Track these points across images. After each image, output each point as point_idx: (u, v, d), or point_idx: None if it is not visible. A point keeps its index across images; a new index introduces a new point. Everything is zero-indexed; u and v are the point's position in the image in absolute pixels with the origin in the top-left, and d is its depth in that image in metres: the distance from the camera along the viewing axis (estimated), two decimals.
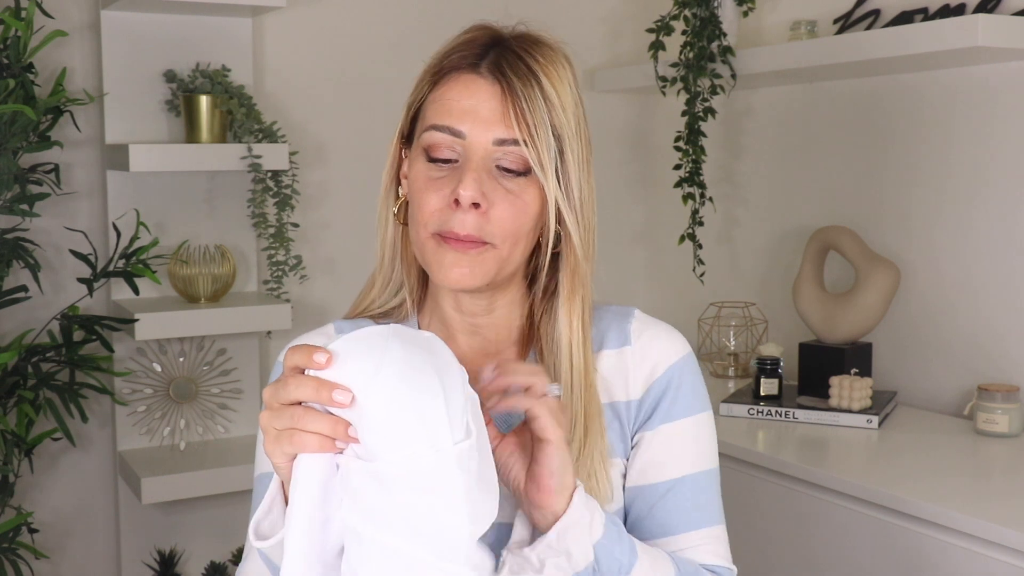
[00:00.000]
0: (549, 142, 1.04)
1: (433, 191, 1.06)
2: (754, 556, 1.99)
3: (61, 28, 2.20)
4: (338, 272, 2.60)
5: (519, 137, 1.03)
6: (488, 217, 1.05)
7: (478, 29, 1.11)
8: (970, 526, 1.60)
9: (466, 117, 1.05)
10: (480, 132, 1.04)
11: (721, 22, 2.44)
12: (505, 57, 1.06)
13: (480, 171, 1.04)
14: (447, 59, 1.09)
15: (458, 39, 1.11)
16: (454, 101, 1.06)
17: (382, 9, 2.61)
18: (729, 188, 2.75)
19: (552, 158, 1.04)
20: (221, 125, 2.28)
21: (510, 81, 1.04)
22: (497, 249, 1.06)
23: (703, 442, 1.15)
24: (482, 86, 1.05)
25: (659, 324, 1.20)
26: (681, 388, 1.15)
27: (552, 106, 1.05)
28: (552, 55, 1.08)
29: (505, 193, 1.05)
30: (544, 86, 1.05)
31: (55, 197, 2.26)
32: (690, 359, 1.17)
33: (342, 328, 1.20)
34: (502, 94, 1.04)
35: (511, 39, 1.09)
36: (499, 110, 1.04)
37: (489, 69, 1.06)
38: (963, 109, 2.18)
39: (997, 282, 2.15)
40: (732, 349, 2.62)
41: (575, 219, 1.08)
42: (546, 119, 1.04)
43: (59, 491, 2.39)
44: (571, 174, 1.07)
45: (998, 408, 2.00)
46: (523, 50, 1.07)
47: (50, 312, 2.28)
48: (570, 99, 1.07)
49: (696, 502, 1.13)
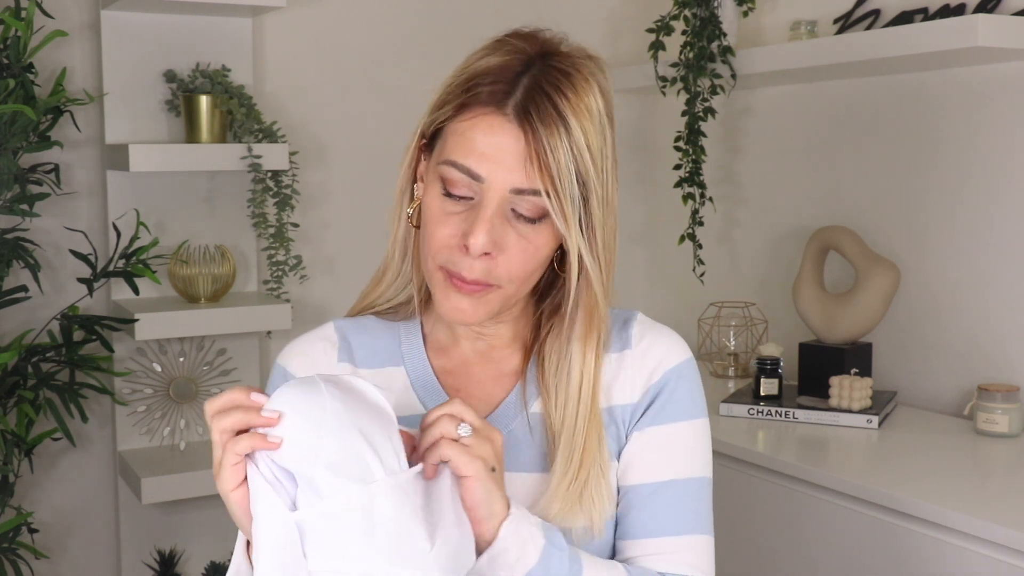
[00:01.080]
0: (573, 192, 1.01)
1: (445, 226, 1.04)
2: (754, 556, 2.00)
3: (61, 28, 2.20)
4: (338, 272, 2.60)
5: (541, 188, 1.00)
6: (497, 262, 1.03)
7: (513, 48, 1.05)
8: (970, 526, 1.60)
9: (485, 161, 1.01)
10: (499, 179, 1.01)
11: (721, 22, 2.44)
12: (534, 97, 1.01)
13: (495, 218, 1.02)
14: (478, 85, 1.03)
15: (492, 56, 1.05)
16: (476, 141, 1.01)
17: (382, 9, 2.61)
18: (729, 188, 2.75)
19: (576, 208, 1.01)
20: (221, 125, 2.28)
21: (535, 129, 1.00)
22: (503, 289, 1.05)
23: (695, 449, 1.14)
24: (507, 130, 1.01)
25: (661, 328, 1.19)
26: (676, 392, 1.14)
27: (579, 153, 1.01)
28: (585, 87, 1.03)
29: (517, 238, 1.03)
30: (573, 131, 1.01)
31: (55, 197, 2.26)
32: (689, 365, 1.16)
33: (342, 327, 1.19)
34: (526, 141, 1.00)
35: (543, 70, 1.03)
36: (522, 158, 1.00)
37: (516, 111, 1.01)
38: (963, 109, 2.18)
39: (997, 282, 2.15)
40: (732, 349, 2.62)
41: (598, 266, 1.06)
42: (571, 168, 1.00)
43: (59, 491, 2.39)
44: (595, 218, 1.04)
45: (998, 408, 2.00)
46: (554, 87, 1.02)
47: (50, 312, 2.29)
48: (600, 138, 1.04)
49: (681, 508, 1.12)
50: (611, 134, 1.07)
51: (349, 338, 1.18)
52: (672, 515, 1.12)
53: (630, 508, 1.13)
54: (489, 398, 1.15)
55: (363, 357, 1.17)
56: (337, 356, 1.17)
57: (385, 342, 1.18)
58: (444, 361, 1.17)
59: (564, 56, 1.06)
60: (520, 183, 1.01)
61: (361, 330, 1.19)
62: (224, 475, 0.92)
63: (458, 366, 1.16)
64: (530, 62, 1.04)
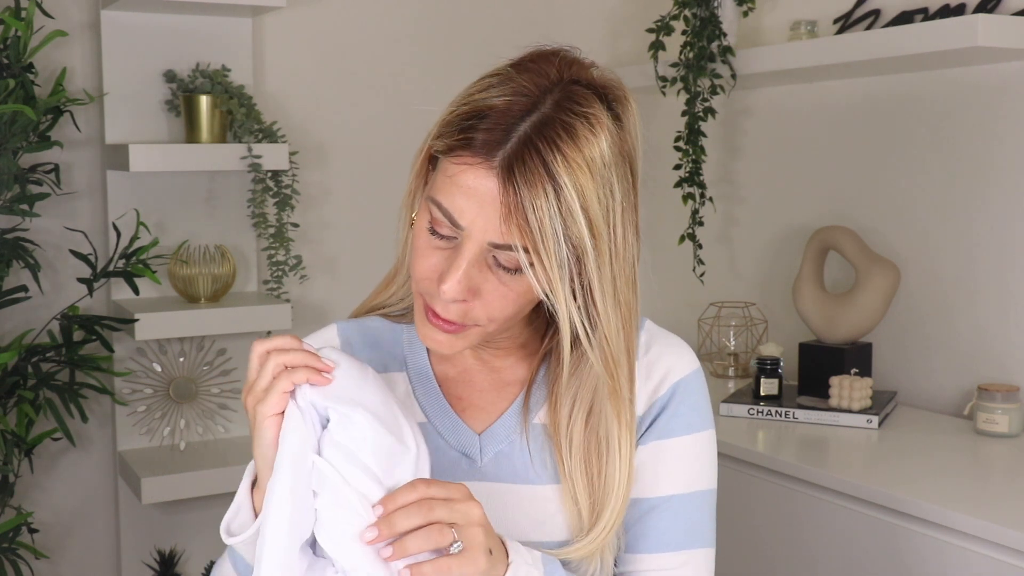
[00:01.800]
0: (560, 254, 0.95)
1: (426, 259, 1.02)
2: (754, 556, 2.00)
3: (61, 28, 2.20)
4: (338, 272, 2.60)
5: (518, 246, 0.96)
6: (472, 306, 1.01)
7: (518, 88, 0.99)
8: (970, 526, 1.60)
9: (467, 213, 0.97)
10: (478, 231, 0.97)
11: (721, 22, 2.44)
12: (523, 153, 0.95)
13: (470, 267, 0.98)
14: (474, 128, 0.98)
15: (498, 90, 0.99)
16: (461, 189, 0.97)
17: (382, 9, 2.61)
18: (729, 188, 2.75)
19: (564, 270, 0.96)
20: (221, 125, 2.28)
21: (518, 188, 0.95)
22: (481, 327, 1.03)
23: (700, 462, 1.13)
24: (491, 185, 0.96)
25: (668, 337, 1.17)
26: (682, 405, 1.13)
27: (569, 214, 0.95)
28: (588, 139, 0.97)
29: (497, 284, 1.00)
30: (563, 191, 0.95)
31: (55, 197, 2.26)
32: (696, 376, 1.15)
33: (345, 331, 1.19)
34: (506, 198, 0.95)
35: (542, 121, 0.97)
36: (504, 215, 0.96)
37: (503, 164, 0.95)
38: (963, 109, 2.18)
39: (997, 282, 2.15)
40: (732, 349, 2.62)
41: (601, 329, 1.01)
42: (558, 230, 0.95)
43: (59, 491, 2.39)
44: (594, 284, 0.99)
45: (998, 408, 2.00)
46: (548, 142, 0.95)
47: (50, 312, 2.29)
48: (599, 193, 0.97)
49: (685, 523, 1.11)
50: (624, 181, 1.01)
51: (352, 342, 1.18)
52: (673, 531, 1.11)
53: (632, 521, 1.12)
54: (492, 407, 1.14)
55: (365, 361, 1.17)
56: None
57: (389, 346, 1.17)
58: (447, 368, 1.16)
59: (575, 100, 0.99)
60: (498, 239, 0.97)
61: (365, 334, 1.18)
62: (270, 400, 0.94)
63: (461, 374, 1.15)
64: (533, 106, 0.98)
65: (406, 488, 0.92)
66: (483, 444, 1.12)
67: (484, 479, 1.11)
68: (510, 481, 1.10)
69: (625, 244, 1.01)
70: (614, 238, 1.00)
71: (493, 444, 1.12)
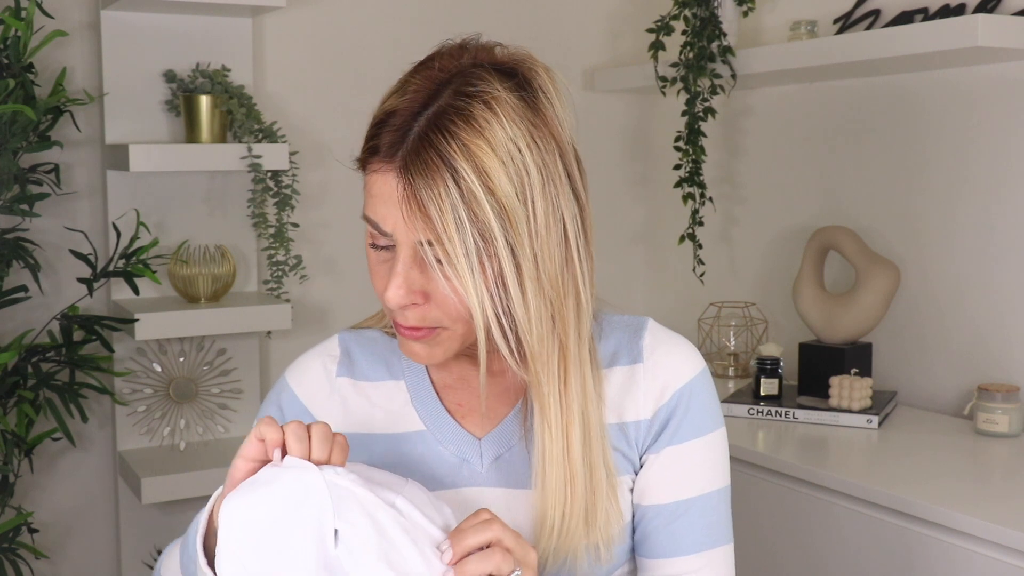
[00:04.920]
0: (466, 241, 0.94)
1: (377, 276, 1.04)
2: (754, 556, 2.00)
3: (61, 28, 2.20)
4: (338, 272, 2.60)
5: (425, 240, 0.96)
6: (429, 308, 1.01)
7: (417, 86, 1.00)
8: (970, 526, 1.60)
9: (388, 218, 0.98)
10: (401, 233, 0.98)
11: (721, 22, 2.44)
12: (418, 147, 0.96)
13: (408, 271, 0.99)
14: (379, 134, 1.00)
15: (398, 95, 1.00)
16: (377, 198, 0.99)
17: (382, 9, 2.61)
18: (729, 188, 2.75)
19: (472, 259, 0.95)
20: (221, 125, 2.28)
21: (414, 183, 0.95)
22: (449, 330, 1.03)
23: (714, 461, 1.13)
24: (395, 186, 0.97)
25: (673, 339, 1.16)
26: (690, 409, 1.12)
27: (472, 197, 0.94)
28: (486, 118, 0.96)
29: (445, 282, 0.98)
30: (459, 175, 0.94)
31: (55, 197, 2.26)
32: (702, 378, 1.14)
33: (346, 341, 1.19)
34: (406, 194, 0.96)
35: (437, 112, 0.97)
36: (408, 212, 0.96)
37: (400, 164, 0.96)
38: (963, 109, 2.18)
39: (997, 282, 2.15)
40: (732, 349, 2.62)
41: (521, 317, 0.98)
42: (461, 215, 0.94)
43: (59, 491, 2.39)
44: (505, 264, 0.96)
45: (998, 408, 2.00)
46: (442, 130, 0.95)
47: (50, 312, 2.29)
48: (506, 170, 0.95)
49: (704, 523, 1.12)
50: (544, 152, 0.98)
51: (352, 352, 1.18)
52: (692, 534, 1.11)
53: (650, 529, 1.12)
54: (492, 413, 1.13)
55: (364, 371, 1.17)
56: (337, 371, 1.17)
57: (387, 356, 1.17)
58: (444, 376, 1.15)
59: (470, 83, 0.98)
60: (416, 236, 0.97)
61: (364, 344, 1.19)
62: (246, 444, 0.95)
63: (458, 381, 1.15)
64: (430, 99, 0.98)
65: (473, 515, 0.95)
66: (483, 449, 1.11)
67: (484, 484, 1.11)
68: (511, 486, 1.10)
69: (549, 219, 0.98)
70: (533, 215, 0.97)
71: (493, 449, 1.12)
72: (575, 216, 1.02)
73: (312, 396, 1.17)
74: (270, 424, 0.94)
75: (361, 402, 1.16)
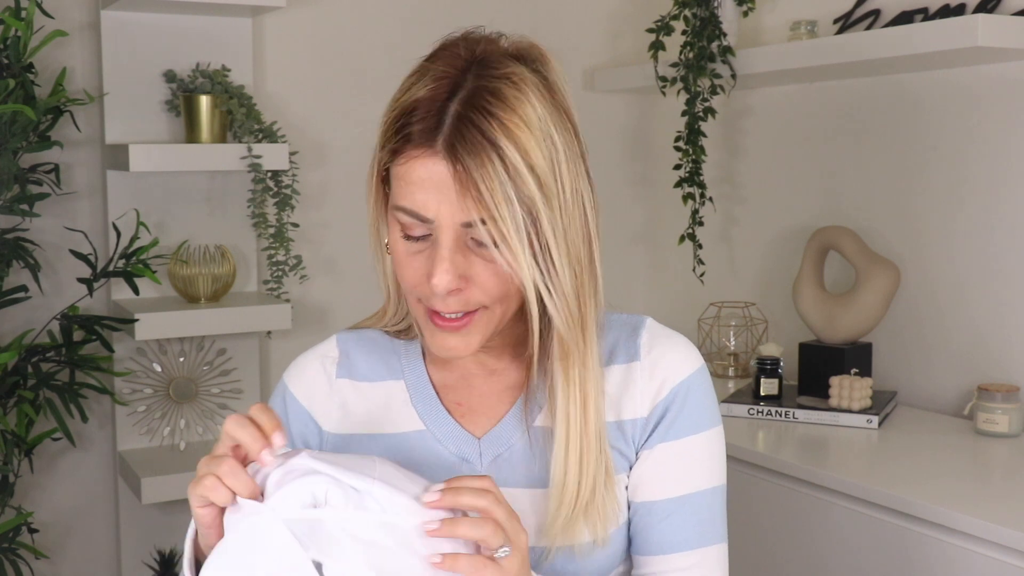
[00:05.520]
0: (516, 217, 0.97)
1: (411, 268, 1.03)
2: (754, 556, 2.00)
3: (61, 28, 2.20)
4: (338, 272, 2.60)
5: (476, 219, 0.97)
6: (471, 291, 1.01)
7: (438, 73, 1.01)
8: (970, 526, 1.60)
9: (430, 203, 0.99)
10: (446, 216, 0.98)
11: (721, 22, 2.44)
12: (460, 128, 0.97)
13: (453, 254, 0.99)
14: (408, 124, 1.00)
15: (419, 85, 1.02)
16: (417, 185, 0.99)
17: (382, 9, 2.61)
18: (729, 188, 2.75)
19: (522, 233, 0.97)
20: (221, 125, 2.28)
21: (463, 161, 0.96)
22: (489, 310, 1.03)
23: (710, 459, 1.13)
24: (441, 169, 0.98)
25: (671, 337, 1.16)
26: (686, 406, 1.12)
27: (517, 174, 0.97)
28: (517, 98, 0.99)
29: (485, 265, 1.00)
30: (506, 154, 0.96)
31: (55, 197, 2.26)
32: (699, 375, 1.14)
33: (344, 341, 1.19)
34: (457, 175, 0.97)
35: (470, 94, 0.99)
36: (460, 192, 0.97)
37: (445, 147, 0.97)
38: (963, 109, 2.18)
39: (997, 282, 2.15)
40: (732, 349, 2.62)
41: (559, 288, 1.01)
42: (510, 193, 0.96)
43: (59, 491, 2.39)
44: (550, 241, 0.99)
45: (998, 408, 2.00)
46: (481, 111, 0.97)
47: (50, 312, 2.29)
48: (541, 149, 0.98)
49: (695, 522, 1.11)
50: (564, 131, 1.02)
51: (351, 353, 1.18)
52: (686, 531, 1.11)
53: (644, 526, 1.12)
54: (492, 412, 1.13)
55: (363, 372, 1.17)
56: (336, 372, 1.17)
57: (386, 356, 1.17)
58: (444, 375, 1.16)
59: (493, 66, 1.01)
60: (464, 217, 0.98)
61: (363, 344, 1.19)
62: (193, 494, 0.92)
63: (459, 380, 1.15)
64: (456, 85, 1.00)
65: (475, 477, 0.94)
66: (483, 448, 1.12)
67: None
68: (511, 485, 1.10)
69: (574, 194, 1.02)
70: (562, 189, 1.00)
71: (493, 448, 1.12)
72: (590, 196, 1.05)
73: (311, 397, 1.17)
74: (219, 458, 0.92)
75: (361, 402, 1.16)
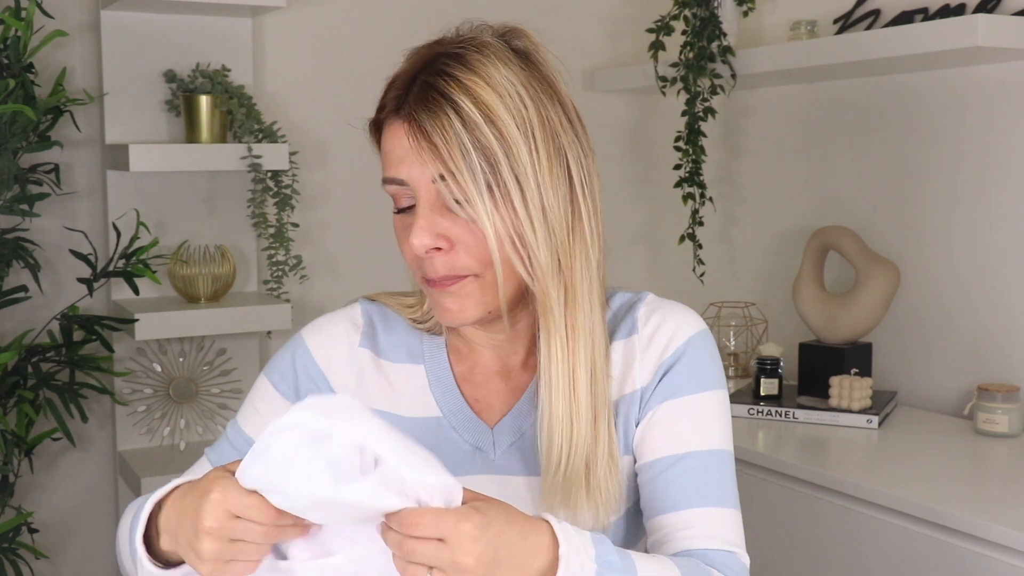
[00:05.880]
0: (474, 168, 0.99)
1: (405, 240, 1.05)
2: (754, 556, 1.99)
3: (61, 28, 2.20)
4: (338, 272, 2.60)
5: (437, 174, 1.00)
6: (456, 253, 1.02)
7: (415, 53, 1.06)
8: (970, 526, 1.60)
9: (402, 165, 1.02)
10: (416, 176, 1.02)
11: (721, 22, 2.44)
12: (419, 92, 1.01)
13: (429, 215, 1.02)
14: (384, 101, 1.06)
15: (391, 77, 1.07)
16: (390, 152, 1.04)
17: (382, 9, 2.61)
18: (729, 188, 2.75)
19: (481, 186, 0.99)
20: (221, 125, 2.28)
21: (418, 118, 1.00)
22: (481, 277, 1.04)
23: (713, 420, 1.11)
24: (405, 130, 1.02)
25: (669, 305, 1.16)
26: (689, 365, 1.12)
27: (473, 125, 0.99)
28: (479, 59, 1.02)
29: (465, 225, 1.02)
30: (460, 107, 0.99)
31: (55, 197, 2.26)
32: (702, 337, 1.14)
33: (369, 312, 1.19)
34: (415, 133, 1.01)
35: (433, 63, 1.03)
36: (418, 149, 1.01)
37: (407, 112, 1.02)
38: (963, 109, 2.18)
39: (997, 282, 2.15)
40: (732, 349, 2.62)
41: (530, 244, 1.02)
42: (467, 144, 0.99)
43: (59, 491, 2.39)
44: (513, 193, 1.00)
45: (998, 408, 2.00)
46: (440, 73, 1.01)
47: (50, 312, 2.28)
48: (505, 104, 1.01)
49: (703, 480, 1.09)
50: (542, 99, 1.04)
51: (375, 325, 1.18)
52: (693, 487, 1.08)
53: (649, 484, 1.10)
54: (504, 402, 1.15)
55: (385, 349, 1.17)
56: (360, 341, 1.17)
57: (408, 339, 1.17)
58: (463, 368, 1.16)
59: (463, 39, 1.05)
60: (430, 172, 1.01)
61: (388, 322, 1.18)
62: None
63: (476, 375, 1.16)
64: (429, 61, 1.04)
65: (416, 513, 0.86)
66: (496, 438, 1.13)
67: (498, 472, 1.12)
68: (524, 473, 1.11)
69: (551, 155, 1.03)
70: (535, 147, 1.01)
71: (506, 437, 1.13)
72: (579, 159, 1.06)
73: (329, 360, 1.17)
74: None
75: (379, 378, 1.16)
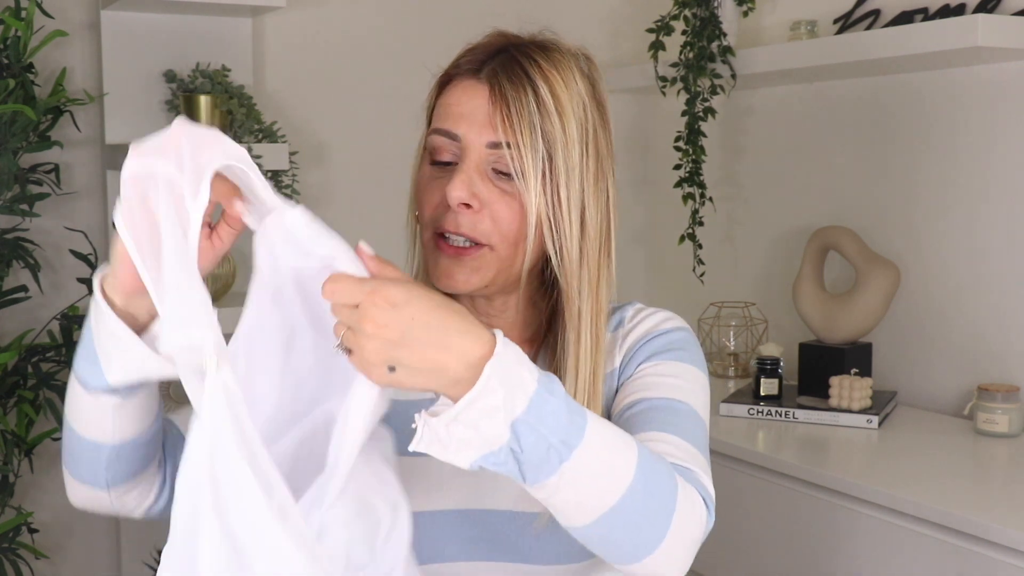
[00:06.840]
0: (536, 147, 1.03)
1: (433, 192, 1.07)
2: (753, 556, 1.99)
3: (61, 28, 2.20)
4: None
5: (502, 140, 1.04)
6: (482, 217, 1.05)
7: (492, 35, 1.12)
8: (970, 526, 1.60)
9: (462, 121, 1.06)
10: (474, 135, 1.05)
11: (721, 22, 2.44)
12: (506, 63, 1.07)
13: (472, 172, 1.05)
14: (455, 65, 1.10)
15: (471, 44, 1.12)
16: (453, 106, 1.07)
17: (382, 9, 2.61)
18: (729, 188, 2.75)
19: (538, 165, 1.03)
20: (221, 125, 2.28)
21: (501, 84, 1.05)
22: (495, 251, 1.05)
23: (685, 384, 1.10)
24: (478, 91, 1.06)
25: (655, 309, 1.20)
26: (668, 342, 1.14)
27: (545, 112, 1.04)
28: (560, 60, 1.08)
29: (501, 194, 1.05)
30: (539, 90, 1.04)
31: (55, 197, 2.26)
32: (684, 330, 1.17)
33: None
34: (492, 98, 1.05)
35: (521, 46, 1.09)
36: (490, 113, 1.05)
37: (487, 74, 1.06)
38: (963, 109, 2.18)
39: (997, 282, 2.15)
40: (732, 349, 2.62)
41: (563, 231, 1.06)
42: (536, 124, 1.03)
43: (59, 491, 2.37)
44: (561, 184, 1.05)
45: (998, 408, 2.00)
46: (526, 55, 1.07)
47: (50, 312, 2.28)
48: (572, 106, 1.06)
49: (674, 420, 1.05)
50: (599, 119, 1.09)
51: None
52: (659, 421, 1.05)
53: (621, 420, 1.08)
54: None
55: None
56: None
57: None
58: None
59: (545, 39, 1.12)
60: (491, 137, 1.04)
61: None
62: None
63: None
64: (516, 42, 1.10)
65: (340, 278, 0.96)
66: None
67: None
68: None
69: (599, 173, 1.08)
70: (586, 159, 1.07)
71: None
72: (613, 186, 1.12)
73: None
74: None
75: None
